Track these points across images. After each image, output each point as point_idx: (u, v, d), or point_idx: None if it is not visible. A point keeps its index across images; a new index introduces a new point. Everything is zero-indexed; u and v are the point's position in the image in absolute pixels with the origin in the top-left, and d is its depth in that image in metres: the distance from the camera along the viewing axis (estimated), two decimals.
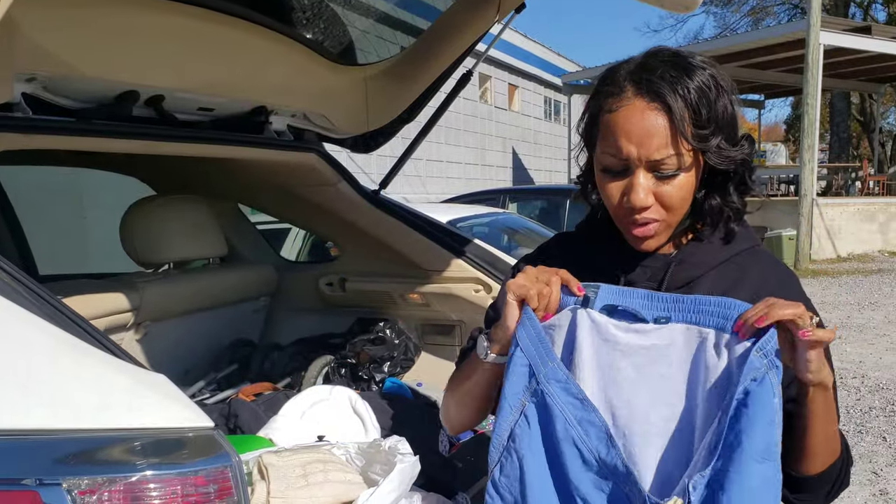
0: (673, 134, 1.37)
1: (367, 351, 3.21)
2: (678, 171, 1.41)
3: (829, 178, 23.96)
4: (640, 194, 1.41)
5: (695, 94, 1.38)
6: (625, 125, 1.40)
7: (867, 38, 18.33)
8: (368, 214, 3.27)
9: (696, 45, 23.25)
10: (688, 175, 1.42)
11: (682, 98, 1.38)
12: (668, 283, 1.50)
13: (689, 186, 1.44)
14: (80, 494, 1.21)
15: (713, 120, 1.40)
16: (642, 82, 1.40)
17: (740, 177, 1.50)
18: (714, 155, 1.42)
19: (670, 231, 1.49)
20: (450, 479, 2.38)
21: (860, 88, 25.43)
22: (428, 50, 3.00)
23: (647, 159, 1.39)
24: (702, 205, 1.51)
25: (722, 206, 1.51)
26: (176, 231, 3.14)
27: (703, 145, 1.40)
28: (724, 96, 1.43)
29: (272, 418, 2.51)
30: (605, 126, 1.44)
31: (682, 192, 1.43)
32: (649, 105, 1.39)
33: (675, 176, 1.41)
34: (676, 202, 1.44)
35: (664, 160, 1.39)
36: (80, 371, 1.35)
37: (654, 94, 1.38)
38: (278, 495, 1.89)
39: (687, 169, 1.42)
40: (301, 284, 3.70)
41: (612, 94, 1.43)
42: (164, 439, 1.31)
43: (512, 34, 22.58)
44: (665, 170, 1.40)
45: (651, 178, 1.42)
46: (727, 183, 1.50)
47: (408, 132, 3.28)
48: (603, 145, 1.45)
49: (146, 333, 3.03)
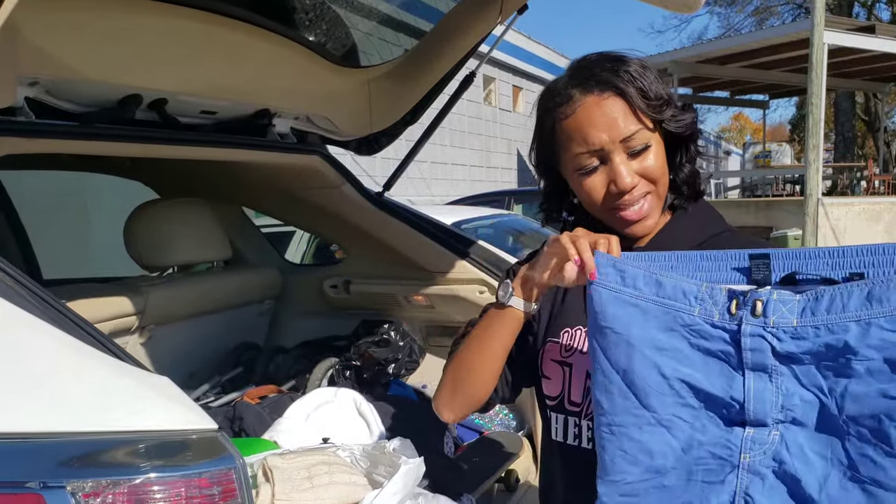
0: (633, 111, 1.46)
1: (371, 353, 3.21)
2: (648, 144, 1.48)
3: (835, 177, 23.91)
4: (625, 176, 1.47)
5: (636, 75, 1.47)
6: (587, 120, 1.47)
7: (871, 37, 18.29)
8: (372, 217, 3.27)
9: (700, 45, 23.22)
10: (657, 146, 1.51)
11: (628, 81, 1.46)
12: None
13: (662, 156, 1.52)
14: (83, 497, 1.21)
15: (658, 95, 1.48)
16: (586, 81, 1.48)
17: (693, 143, 1.59)
18: (672, 122, 1.51)
19: (660, 206, 1.55)
20: (455, 481, 2.37)
21: (865, 88, 25.37)
22: (430, 52, 3.00)
23: (620, 139, 1.46)
24: (677, 178, 1.58)
25: (692, 173, 1.59)
26: (180, 234, 3.15)
27: (660, 114, 1.48)
28: (658, 79, 1.52)
29: (277, 421, 2.51)
30: (566, 133, 1.51)
31: (658, 162, 1.51)
32: (601, 96, 1.46)
33: (647, 149, 1.48)
34: (658, 172, 1.51)
35: (634, 136, 1.46)
36: (84, 374, 1.35)
37: (602, 84, 1.47)
38: (283, 497, 1.89)
39: (653, 142, 1.49)
40: (305, 287, 3.70)
41: (560, 104, 1.51)
42: (168, 441, 1.32)
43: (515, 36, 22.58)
44: (637, 145, 1.47)
45: (629, 160, 1.48)
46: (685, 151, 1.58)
47: (411, 134, 3.28)
48: (570, 149, 1.51)
49: (151, 337, 3.03)
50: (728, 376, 1.25)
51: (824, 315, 1.17)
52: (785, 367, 1.22)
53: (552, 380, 1.65)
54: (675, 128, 1.52)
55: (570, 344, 1.62)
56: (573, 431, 1.61)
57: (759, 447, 1.23)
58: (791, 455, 1.22)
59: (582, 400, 1.59)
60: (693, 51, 21.00)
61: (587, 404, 1.58)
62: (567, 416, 1.62)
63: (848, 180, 23.60)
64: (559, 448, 1.65)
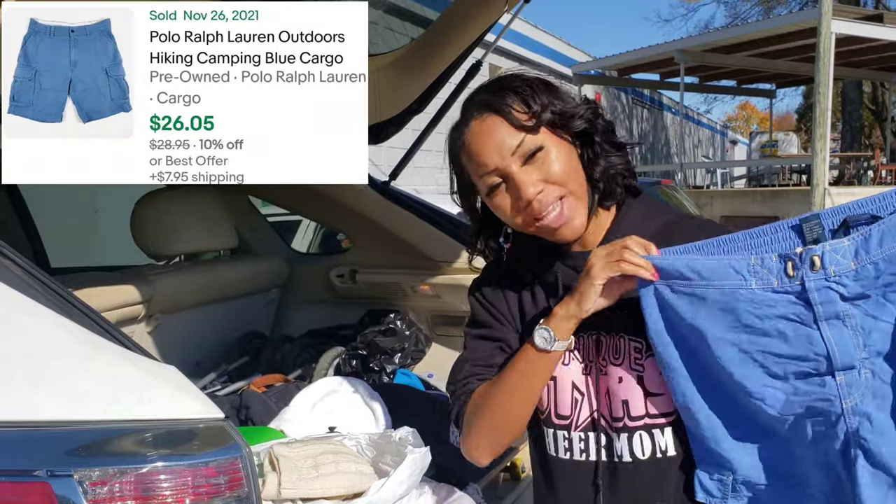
0: (511, 122, 1.47)
1: (377, 342, 3.21)
2: (540, 146, 1.48)
3: (841, 167, 23.83)
4: (527, 186, 1.47)
5: (511, 89, 1.50)
6: (475, 145, 1.51)
7: (879, 26, 18.20)
8: (379, 206, 3.27)
9: (706, 34, 23.13)
10: (556, 148, 1.49)
11: (500, 97, 1.49)
12: None
13: (563, 156, 1.50)
14: (91, 486, 1.21)
15: (539, 102, 1.48)
16: (467, 110, 1.54)
17: (607, 136, 1.56)
18: (558, 121, 1.49)
19: (583, 206, 1.52)
20: (460, 470, 2.37)
21: (872, 77, 25.26)
22: (437, 41, 2.99)
23: (509, 153, 1.47)
24: (593, 176, 1.54)
25: (606, 167, 1.54)
26: (187, 223, 3.15)
27: (540, 117, 1.47)
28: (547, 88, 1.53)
29: (283, 410, 2.52)
30: (466, 161, 1.55)
31: (559, 163, 1.49)
32: (482, 119, 1.50)
33: (541, 151, 1.48)
34: (560, 173, 1.49)
35: (520, 145, 1.47)
36: (91, 363, 1.35)
37: (480, 107, 1.51)
38: (290, 486, 1.89)
39: (548, 142, 1.49)
40: (312, 276, 3.71)
41: (456, 139, 1.56)
42: (175, 431, 1.31)
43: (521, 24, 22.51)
44: (528, 151, 1.47)
45: (527, 169, 1.48)
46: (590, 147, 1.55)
47: (418, 123, 3.27)
48: (475, 175, 1.54)
49: (157, 325, 3.04)
50: (805, 335, 1.29)
51: (878, 250, 1.24)
52: (855, 308, 1.27)
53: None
54: (566, 125, 1.50)
55: None
56: (563, 445, 1.59)
57: (857, 389, 1.28)
58: (889, 385, 1.28)
59: (570, 412, 1.57)
60: (700, 40, 20.91)
61: (576, 416, 1.56)
62: (556, 430, 1.59)
63: (855, 170, 23.52)
64: (552, 462, 1.62)
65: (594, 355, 1.55)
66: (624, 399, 1.51)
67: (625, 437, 1.52)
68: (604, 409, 1.54)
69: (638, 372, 1.50)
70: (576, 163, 1.52)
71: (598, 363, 1.53)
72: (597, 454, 1.54)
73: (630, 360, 1.51)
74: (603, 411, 1.54)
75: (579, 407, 1.56)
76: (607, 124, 1.57)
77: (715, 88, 26.96)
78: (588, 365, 1.55)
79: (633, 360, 1.50)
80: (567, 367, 1.56)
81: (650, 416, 1.50)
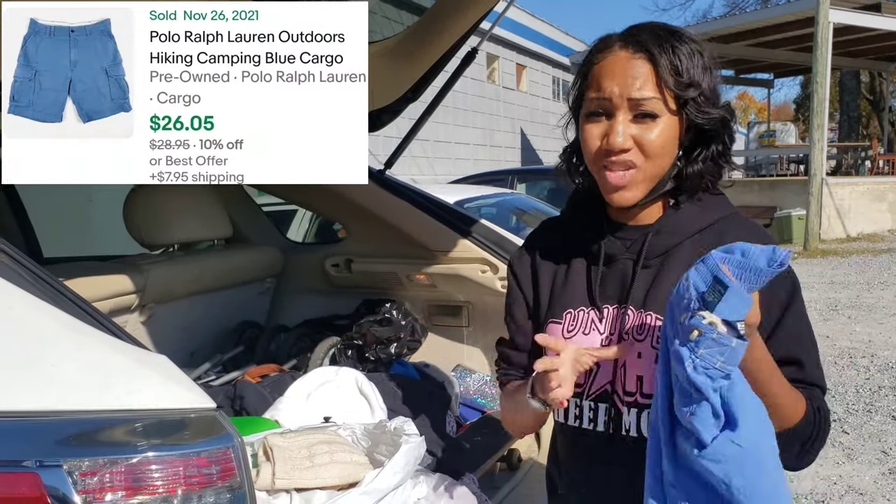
0: (654, 78, 1.46)
1: (373, 332, 3.21)
2: (657, 114, 1.47)
3: (839, 157, 23.87)
4: (618, 135, 1.47)
5: (679, 52, 1.47)
6: (609, 69, 1.49)
7: (877, 15, 18.21)
8: (374, 195, 3.25)
9: (704, 23, 23.12)
10: (668, 122, 1.48)
11: (665, 53, 1.46)
12: (646, 253, 1.55)
13: (668, 135, 1.49)
14: (80, 476, 1.20)
15: (693, 79, 1.47)
16: (629, 38, 1.50)
17: (722, 145, 1.55)
18: (693, 108, 1.48)
19: (647, 185, 1.52)
20: (457, 460, 2.37)
21: (870, 67, 25.29)
22: (432, 28, 2.96)
23: (629, 97, 1.46)
24: (682, 170, 1.55)
25: (702, 172, 1.55)
26: (180, 212, 3.13)
27: (682, 92, 1.46)
28: (707, 71, 1.51)
29: (278, 399, 2.51)
30: (592, 77, 1.52)
31: (660, 140, 1.48)
32: (633, 55, 1.48)
33: (654, 118, 1.47)
34: (655, 148, 1.48)
35: (644, 100, 1.46)
36: (81, 353, 1.34)
37: (638, 45, 1.48)
38: (284, 476, 1.89)
39: (667, 116, 1.48)
40: (307, 266, 3.70)
41: (600, 51, 1.53)
42: (166, 420, 1.31)
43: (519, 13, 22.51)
44: (645, 109, 1.46)
45: (631, 124, 1.48)
46: (708, 150, 1.54)
47: (413, 112, 3.25)
48: (588, 93, 1.52)
49: (151, 315, 3.03)
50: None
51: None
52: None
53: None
54: (697, 116, 1.49)
55: (572, 325, 1.62)
56: (574, 412, 1.61)
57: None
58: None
59: (584, 380, 1.59)
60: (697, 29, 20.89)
61: (589, 385, 1.59)
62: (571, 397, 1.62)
63: (852, 160, 23.57)
64: (561, 429, 1.66)
65: (617, 328, 1.56)
66: (639, 375, 1.53)
67: (634, 412, 1.54)
68: (618, 382, 1.55)
69: (657, 351, 1.50)
70: (673, 148, 1.52)
71: (623, 336, 1.55)
72: (605, 426, 1.57)
73: (653, 339, 1.51)
74: (617, 384, 1.56)
75: (593, 376, 1.58)
76: (730, 138, 1.56)
77: None
78: (610, 337, 1.57)
79: (655, 338, 1.51)
80: (587, 336, 1.58)
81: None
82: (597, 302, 1.59)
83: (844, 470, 4.71)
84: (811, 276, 12.17)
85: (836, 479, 4.57)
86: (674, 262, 1.53)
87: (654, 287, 1.53)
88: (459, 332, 3.36)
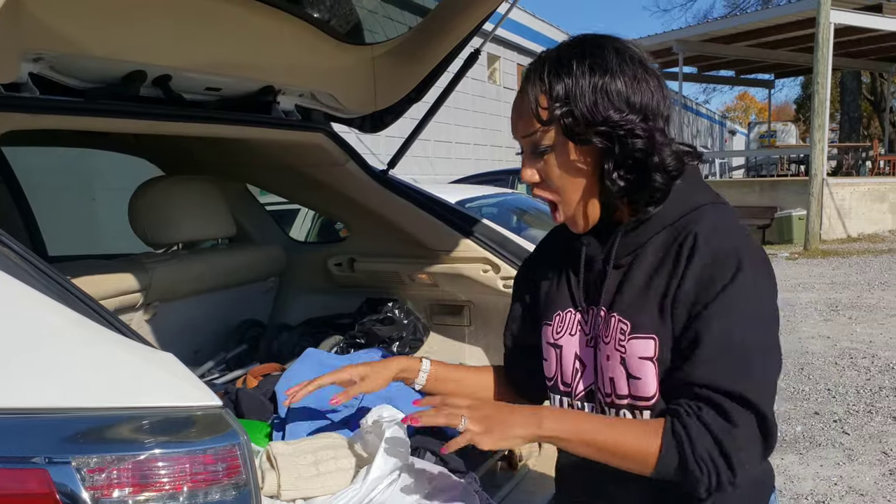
0: (532, 112, 1.48)
1: (375, 331, 3.21)
2: (548, 148, 1.50)
3: (840, 157, 23.86)
4: (525, 171, 1.54)
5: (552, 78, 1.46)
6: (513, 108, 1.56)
7: (878, 16, 18.21)
8: (377, 194, 3.26)
9: (705, 24, 23.10)
10: (562, 150, 1.49)
11: (538, 83, 1.48)
12: (616, 253, 1.57)
13: (567, 163, 1.50)
14: (89, 473, 1.21)
15: (564, 93, 1.45)
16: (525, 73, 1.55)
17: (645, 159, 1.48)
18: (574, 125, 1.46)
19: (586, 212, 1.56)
20: (458, 460, 2.38)
21: (871, 68, 25.26)
22: (435, 29, 2.98)
23: (521, 135, 1.53)
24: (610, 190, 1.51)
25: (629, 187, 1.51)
26: (184, 211, 3.14)
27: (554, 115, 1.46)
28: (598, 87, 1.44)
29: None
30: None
31: (559, 170, 1.51)
32: (521, 92, 1.53)
33: (548, 152, 1.50)
34: (556, 179, 1.52)
35: (527, 136, 1.51)
36: (89, 350, 1.35)
37: (525, 80, 1.52)
38: (290, 487, 1.87)
39: (556, 147, 1.49)
40: (310, 265, 3.70)
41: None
42: (173, 418, 1.31)
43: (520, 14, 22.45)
44: (536, 145, 1.51)
45: (533, 158, 1.53)
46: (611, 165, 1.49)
47: (416, 112, 3.26)
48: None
49: (155, 314, 3.04)
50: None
51: None
52: None
53: (548, 361, 1.70)
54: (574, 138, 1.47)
55: (560, 326, 1.66)
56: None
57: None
58: None
59: (571, 380, 1.64)
60: (698, 30, 20.91)
61: (576, 385, 1.63)
62: (561, 397, 1.68)
63: (853, 160, 23.55)
64: None
65: (595, 329, 1.59)
66: (611, 377, 1.55)
67: (613, 412, 1.57)
68: (599, 382, 1.59)
69: (621, 353, 1.52)
70: (581, 173, 1.51)
71: (603, 337, 1.56)
72: None
73: (615, 341, 1.53)
74: (598, 385, 1.59)
75: (579, 377, 1.62)
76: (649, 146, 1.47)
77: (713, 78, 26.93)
78: (589, 338, 1.60)
79: (617, 340, 1.52)
80: (573, 337, 1.63)
81: (633, 397, 1.53)
82: (578, 303, 1.64)
83: (845, 471, 4.72)
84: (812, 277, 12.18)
85: (837, 480, 4.58)
86: (640, 261, 1.54)
87: (621, 287, 1.55)
88: (461, 331, 3.37)
